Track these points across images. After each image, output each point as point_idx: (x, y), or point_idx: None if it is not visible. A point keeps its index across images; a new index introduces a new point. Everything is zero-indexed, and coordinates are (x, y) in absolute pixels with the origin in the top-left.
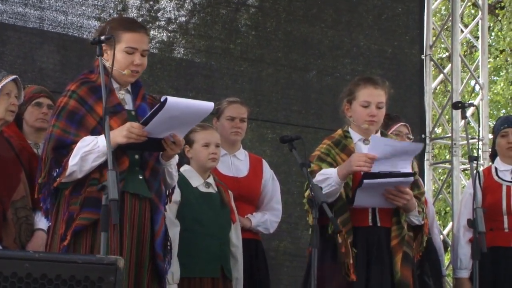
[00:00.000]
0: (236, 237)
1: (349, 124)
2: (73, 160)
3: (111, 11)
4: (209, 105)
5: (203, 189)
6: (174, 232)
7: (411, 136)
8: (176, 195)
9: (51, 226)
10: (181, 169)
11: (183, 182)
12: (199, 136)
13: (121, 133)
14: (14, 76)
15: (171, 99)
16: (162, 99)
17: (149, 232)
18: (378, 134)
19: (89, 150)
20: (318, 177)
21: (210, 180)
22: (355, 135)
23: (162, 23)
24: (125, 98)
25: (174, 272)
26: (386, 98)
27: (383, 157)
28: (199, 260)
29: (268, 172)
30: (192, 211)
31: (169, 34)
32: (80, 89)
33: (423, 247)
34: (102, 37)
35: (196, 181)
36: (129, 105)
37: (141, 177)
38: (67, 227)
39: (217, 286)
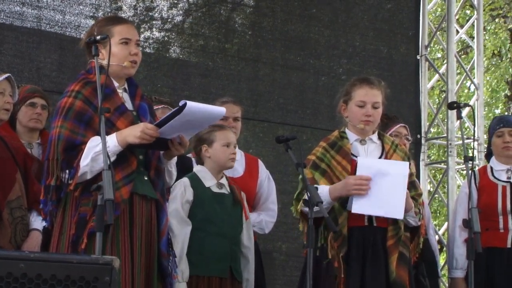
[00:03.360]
0: (247, 238)
1: (346, 125)
2: (84, 161)
3: (108, 10)
4: (222, 110)
5: (215, 189)
6: (186, 231)
7: (410, 138)
8: (189, 195)
9: (55, 226)
10: (195, 169)
11: (196, 182)
12: (220, 136)
13: (134, 133)
14: (7, 75)
15: (190, 104)
16: (180, 104)
17: (155, 232)
18: (375, 134)
19: (99, 151)
20: None
21: (223, 181)
22: (351, 136)
23: (158, 22)
24: (123, 97)
25: (183, 270)
26: (382, 98)
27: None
28: (208, 259)
29: (264, 172)
30: (204, 210)
31: (165, 34)
32: (85, 89)
33: (419, 248)
34: (98, 37)
35: (209, 181)
36: (128, 105)
37: (146, 178)
38: (80, 229)
39: (224, 286)
